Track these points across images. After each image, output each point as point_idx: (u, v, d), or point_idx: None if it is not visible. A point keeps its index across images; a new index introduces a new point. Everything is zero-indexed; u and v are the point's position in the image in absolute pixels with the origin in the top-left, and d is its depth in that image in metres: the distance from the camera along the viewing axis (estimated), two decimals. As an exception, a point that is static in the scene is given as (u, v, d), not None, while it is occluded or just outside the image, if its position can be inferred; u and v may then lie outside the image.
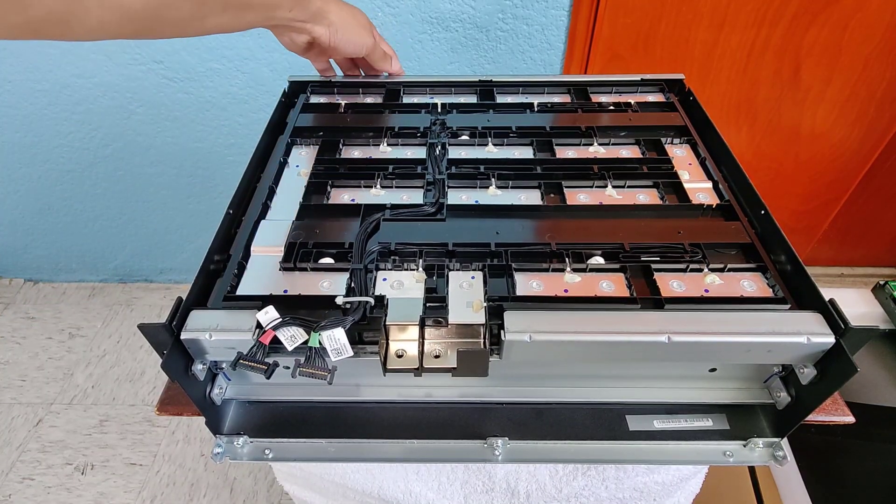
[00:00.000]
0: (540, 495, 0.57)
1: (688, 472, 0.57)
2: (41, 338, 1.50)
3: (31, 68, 1.14)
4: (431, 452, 0.47)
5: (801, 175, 1.32)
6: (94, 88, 1.17)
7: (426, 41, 1.05)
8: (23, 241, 1.52)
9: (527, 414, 0.49)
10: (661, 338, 0.38)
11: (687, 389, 0.47)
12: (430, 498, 0.57)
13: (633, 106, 0.64)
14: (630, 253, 0.45)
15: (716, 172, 0.55)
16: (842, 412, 0.47)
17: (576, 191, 0.54)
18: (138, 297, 1.61)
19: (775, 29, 1.04)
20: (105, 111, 1.22)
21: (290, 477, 0.63)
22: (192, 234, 1.51)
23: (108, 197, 1.40)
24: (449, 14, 1.01)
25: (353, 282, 0.43)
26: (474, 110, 0.65)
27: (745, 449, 0.46)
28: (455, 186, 0.55)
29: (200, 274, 0.43)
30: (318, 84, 0.69)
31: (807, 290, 0.42)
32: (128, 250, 1.55)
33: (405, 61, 1.08)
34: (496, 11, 1.00)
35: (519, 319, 0.39)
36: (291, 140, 0.60)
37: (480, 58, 1.07)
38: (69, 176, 1.35)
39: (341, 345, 0.39)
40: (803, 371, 0.40)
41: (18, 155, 1.31)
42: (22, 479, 1.21)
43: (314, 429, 0.48)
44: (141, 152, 1.30)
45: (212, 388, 0.45)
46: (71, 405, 1.35)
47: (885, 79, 1.12)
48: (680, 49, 1.07)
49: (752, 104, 1.17)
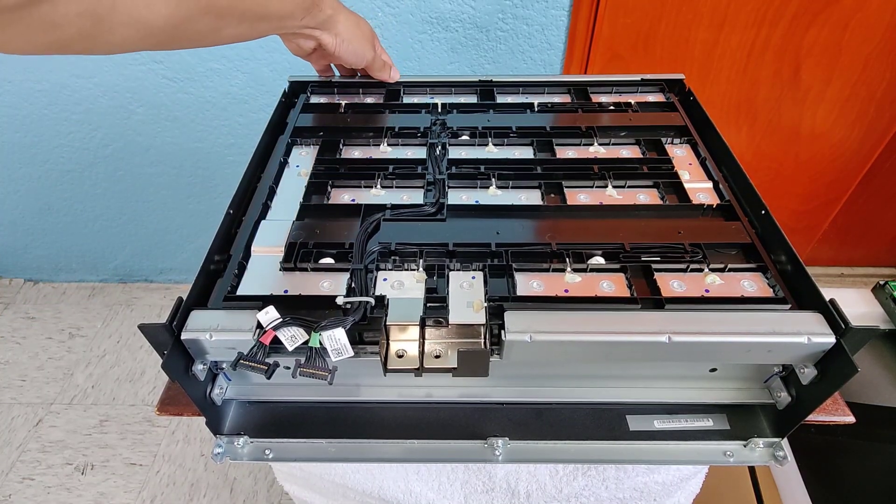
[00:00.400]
0: (540, 495, 0.57)
1: (688, 472, 0.57)
2: (41, 338, 1.50)
3: (31, 68, 1.14)
4: (431, 452, 0.47)
5: (801, 175, 1.32)
6: (94, 88, 1.17)
7: (426, 41, 1.05)
8: (23, 241, 1.52)
9: (527, 414, 0.49)
10: (662, 338, 0.38)
11: (687, 389, 0.47)
12: (430, 498, 0.57)
13: (634, 106, 0.64)
14: (630, 253, 0.45)
15: (716, 172, 0.55)
16: (842, 412, 0.47)
17: (576, 191, 0.54)
18: (138, 297, 1.61)
19: (775, 29, 1.04)
20: (105, 111, 1.22)
21: (291, 477, 0.63)
22: (192, 234, 1.51)
23: (108, 197, 1.40)
24: (449, 14, 1.01)
25: (354, 282, 0.43)
26: (474, 110, 0.65)
27: (745, 449, 0.46)
28: (455, 186, 0.55)
29: (201, 274, 0.43)
30: (319, 84, 0.69)
31: (807, 290, 0.42)
32: (128, 250, 1.55)
33: (405, 61, 1.08)
34: (496, 11, 1.00)
35: (519, 319, 0.39)
36: (292, 140, 0.60)
37: (480, 58, 1.07)
38: (69, 176, 1.35)
39: (342, 345, 0.39)
40: (804, 371, 0.40)
41: (18, 155, 1.31)
42: (22, 479, 1.21)
43: (314, 429, 0.48)
44: (141, 152, 1.30)
45: (212, 389, 0.45)
46: (71, 405, 1.35)
47: (885, 79, 1.12)
48: (680, 49, 1.07)
49: (752, 104, 1.17)
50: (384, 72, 0.67)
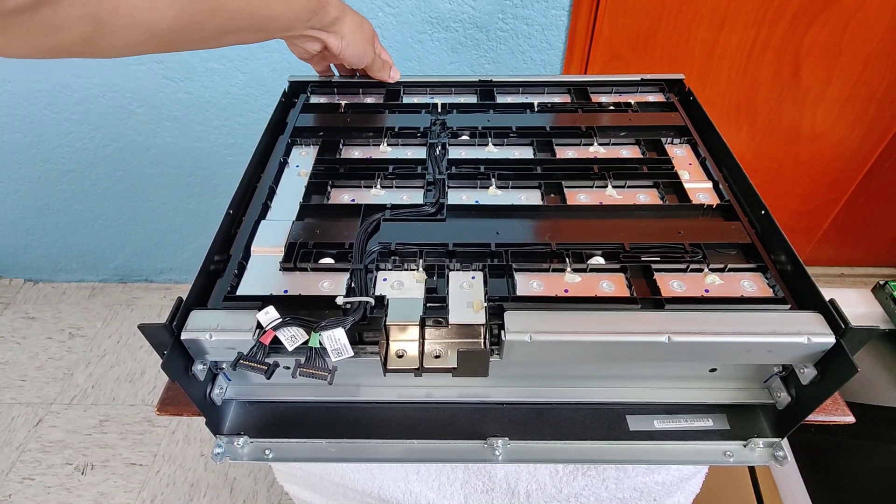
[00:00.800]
0: (540, 495, 0.57)
1: (688, 472, 0.57)
2: (41, 338, 1.50)
3: (32, 68, 1.14)
4: (431, 452, 0.47)
5: (801, 175, 1.32)
6: (94, 88, 1.17)
7: (426, 41, 1.05)
8: (23, 241, 1.52)
9: (527, 414, 0.49)
10: (662, 338, 0.38)
11: (687, 389, 0.47)
12: (430, 498, 0.57)
13: (634, 106, 0.64)
14: (630, 253, 0.45)
15: (716, 172, 0.55)
16: (842, 412, 0.47)
17: (576, 191, 0.54)
18: (138, 297, 1.61)
19: (775, 29, 1.04)
20: (105, 111, 1.22)
21: (290, 477, 0.63)
22: (192, 234, 1.51)
23: (108, 197, 1.40)
24: (449, 14, 1.01)
25: (354, 282, 0.43)
26: (474, 110, 0.65)
27: (745, 449, 0.46)
28: (455, 186, 0.55)
29: (200, 274, 0.43)
30: (318, 84, 0.69)
31: (807, 290, 0.42)
32: (128, 250, 1.55)
33: (405, 61, 1.08)
34: (496, 11, 1.00)
35: (519, 319, 0.39)
36: (291, 140, 0.60)
37: (480, 58, 1.07)
38: (69, 176, 1.35)
39: (341, 345, 0.39)
40: (803, 371, 0.40)
41: (18, 155, 1.31)
42: (22, 479, 1.21)
43: (314, 429, 0.48)
44: (141, 152, 1.30)
45: (212, 389, 0.45)
46: (71, 405, 1.35)
47: (885, 79, 1.12)
48: (680, 49, 1.07)
49: (752, 104, 1.17)
50: (384, 71, 0.67)
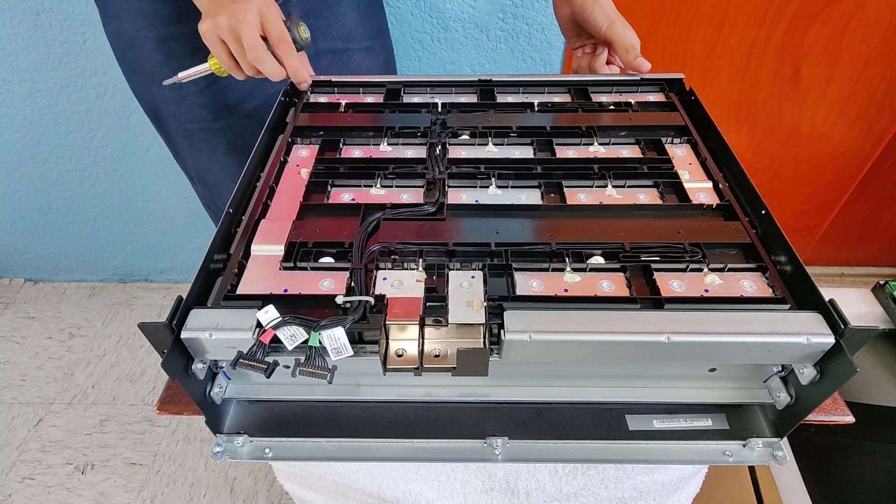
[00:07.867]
0: (540, 495, 0.57)
1: (688, 471, 0.57)
2: (41, 337, 1.50)
3: (31, 68, 1.14)
4: (431, 452, 0.47)
5: (801, 175, 1.32)
6: (94, 88, 1.17)
7: (426, 41, 1.05)
8: (23, 241, 1.52)
9: (527, 413, 0.49)
10: (661, 338, 0.38)
11: (687, 389, 0.47)
12: (430, 497, 0.57)
13: (634, 106, 0.64)
14: (630, 253, 0.45)
15: (716, 172, 0.55)
16: (842, 412, 0.47)
17: (576, 190, 0.54)
18: (138, 296, 1.61)
19: (775, 29, 1.04)
20: (105, 111, 1.22)
21: (290, 476, 0.63)
22: (192, 234, 1.51)
23: (108, 197, 1.40)
24: (449, 14, 1.01)
25: (353, 281, 0.43)
26: (474, 110, 0.65)
27: (744, 449, 0.46)
28: (455, 186, 0.54)
29: (200, 273, 0.43)
30: (319, 83, 0.69)
31: (807, 290, 0.41)
32: (128, 250, 1.55)
33: (405, 61, 1.08)
34: (496, 11, 1.00)
35: (519, 319, 0.39)
36: (292, 139, 0.60)
37: (480, 58, 1.07)
38: (69, 176, 1.35)
39: (341, 344, 0.39)
40: (803, 371, 0.40)
41: (18, 155, 1.31)
42: (22, 478, 1.21)
43: (314, 428, 0.48)
44: (141, 152, 1.30)
45: (212, 387, 0.45)
46: (71, 405, 1.35)
47: (885, 79, 1.12)
48: (680, 49, 1.07)
49: (752, 104, 1.17)
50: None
